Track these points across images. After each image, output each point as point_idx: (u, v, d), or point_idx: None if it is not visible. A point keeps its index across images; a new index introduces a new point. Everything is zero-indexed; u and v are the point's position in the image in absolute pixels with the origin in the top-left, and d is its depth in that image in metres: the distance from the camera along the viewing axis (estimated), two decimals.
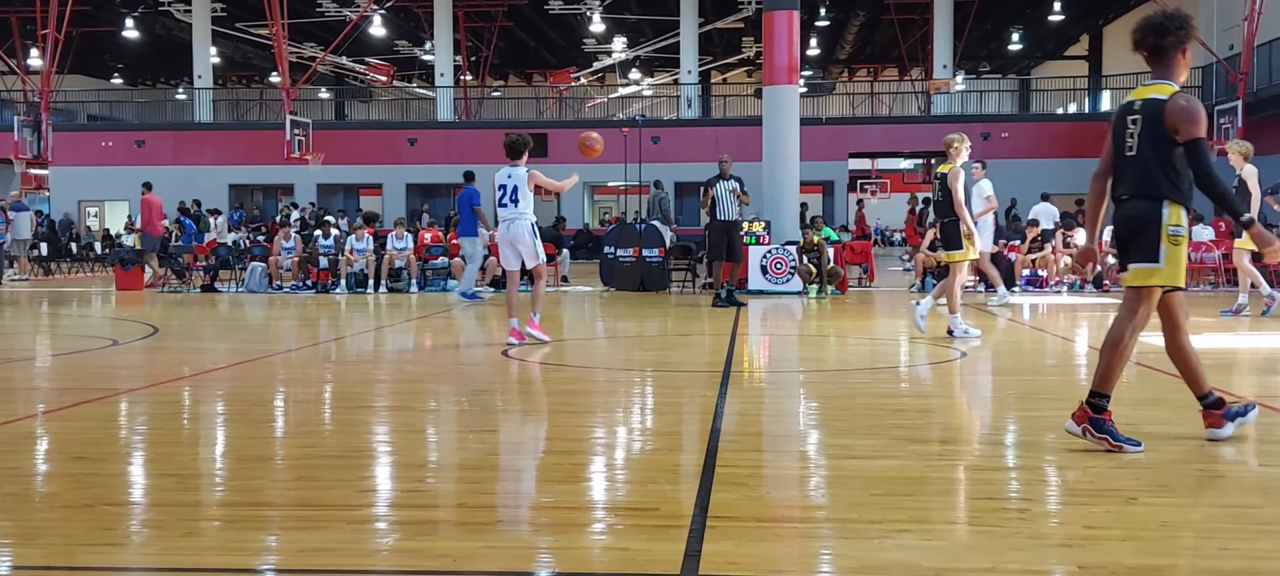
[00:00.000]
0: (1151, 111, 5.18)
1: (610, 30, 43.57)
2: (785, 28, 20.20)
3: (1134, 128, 5.24)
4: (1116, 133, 5.35)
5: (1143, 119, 5.21)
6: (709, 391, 7.36)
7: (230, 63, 48.07)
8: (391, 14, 40.77)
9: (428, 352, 10.59)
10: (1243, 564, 3.54)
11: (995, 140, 35.85)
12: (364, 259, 19.21)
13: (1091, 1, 41.23)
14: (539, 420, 6.32)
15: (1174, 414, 6.46)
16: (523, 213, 10.12)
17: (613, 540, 3.92)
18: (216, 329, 13.36)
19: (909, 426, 6.14)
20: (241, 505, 4.47)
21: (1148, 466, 4.95)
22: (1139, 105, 5.26)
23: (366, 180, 39.52)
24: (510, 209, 10.11)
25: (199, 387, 8.00)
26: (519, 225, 10.13)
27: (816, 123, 35.95)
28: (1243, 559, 3.59)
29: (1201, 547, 3.72)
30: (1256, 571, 3.48)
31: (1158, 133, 5.15)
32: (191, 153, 38.52)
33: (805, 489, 4.80)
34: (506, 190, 10.13)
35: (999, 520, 4.10)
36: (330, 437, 6.12)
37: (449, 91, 40.34)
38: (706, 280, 19.18)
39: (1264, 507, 4.25)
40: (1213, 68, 33.22)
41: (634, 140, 25.38)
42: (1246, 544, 3.76)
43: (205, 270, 20.38)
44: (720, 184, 15.26)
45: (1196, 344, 5.50)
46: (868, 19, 43.87)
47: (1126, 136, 5.28)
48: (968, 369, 8.75)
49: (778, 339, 11.87)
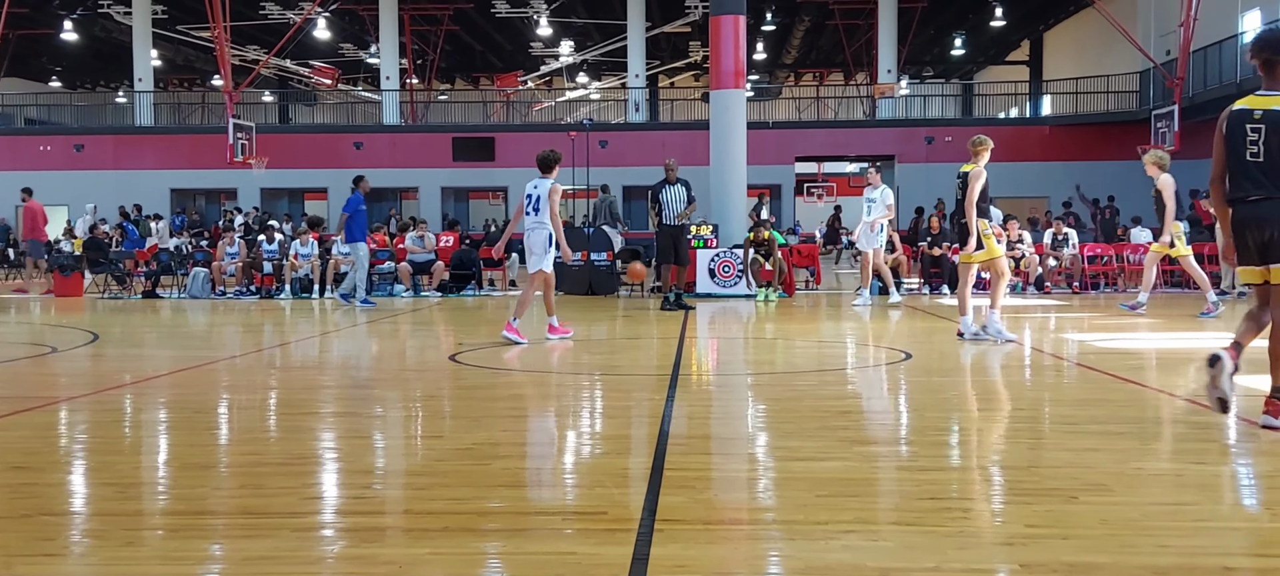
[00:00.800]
0: (1275, 120, 5.61)
1: (557, 34, 43.54)
2: (732, 32, 20.30)
3: (1256, 135, 5.65)
4: (1234, 139, 5.73)
5: (1266, 127, 5.62)
6: (657, 394, 7.38)
7: (171, 66, 47.45)
8: (336, 17, 40.47)
9: (374, 358, 10.52)
10: (1180, 560, 3.61)
11: (939, 144, 36.25)
12: (309, 264, 19.03)
13: (1032, 7, 41.85)
14: (487, 424, 6.30)
15: (1112, 413, 6.58)
16: (542, 222, 10.87)
17: (561, 544, 3.92)
18: (158, 335, 13.18)
19: (855, 428, 6.20)
20: (184, 513, 4.42)
21: (1087, 466, 5.03)
22: (1260, 114, 5.65)
23: (311, 184, 39.18)
24: (531, 218, 10.91)
25: (140, 395, 7.89)
26: (537, 234, 10.90)
27: (763, 127, 36.17)
28: (1180, 555, 3.66)
29: (1140, 544, 3.78)
30: (1193, 567, 3.55)
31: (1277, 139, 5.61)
32: (132, 157, 37.99)
33: (753, 491, 4.83)
34: (532, 200, 10.93)
35: (942, 520, 4.15)
36: (275, 444, 6.06)
37: (395, 95, 40.11)
38: (655, 283, 19.21)
39: (1201, 504, 4.34)
40: (1150, 73, 33.82)
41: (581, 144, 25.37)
42: (1183, 541, 3.83)
43: (146, 276, 20.09)
44: (666, 189, 15.32)
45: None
46: (813, 24, 44.22)
47: (1248, 143, 5.66)
48: (913, 371, 8.84)
49: (726, 342, 11.92)
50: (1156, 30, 34.27)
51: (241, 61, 40.57)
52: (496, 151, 38.03)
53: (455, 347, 10.72)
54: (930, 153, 36.25)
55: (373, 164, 38.07)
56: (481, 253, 21.42)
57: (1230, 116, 5.79)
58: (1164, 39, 33.27)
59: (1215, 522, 4.11)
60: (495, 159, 37.98)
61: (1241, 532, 4.09)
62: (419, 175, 38.19)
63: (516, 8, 39.52)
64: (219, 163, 32.34)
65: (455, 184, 39.17)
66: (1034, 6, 41.84)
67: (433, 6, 41.25)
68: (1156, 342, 10.73)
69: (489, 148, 38.17)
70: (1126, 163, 32.04)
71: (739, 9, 20.44)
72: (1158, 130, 30.73)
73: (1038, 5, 41.58)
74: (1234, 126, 5.74)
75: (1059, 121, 37.57)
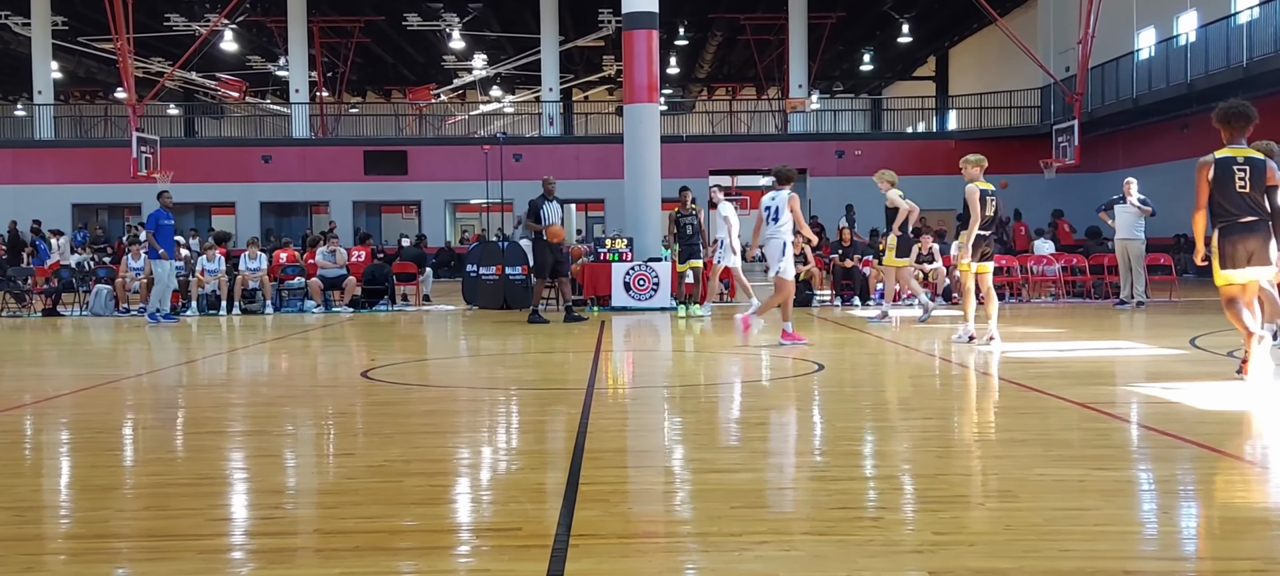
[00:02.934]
0: (1257, 165, 7.83)
1: (470, 47, 43.34)
2: (645, 47, 20.40)
3: (1243, 175, 7.80)
4: (1224, 178, 7.84)
5: (1250, 169, 7.80)
6: (572, 409, 7.37)
7: (73, 78, 46.26)
8: (243, 29, 39.83)
9: (283, 375, 10.36)
10: (1082, 564, 3.71)
11: (849, 158, 36.78)
12: (216, 280, 18.67)
13: (937, 24, 42.73)
14: (399, 441, 6.24)
15: (1016, 421, 6.74)
16: (779, 231, 11.67)
17: (475, 562, 3.90)
18: (60, 354, 12.83)
19: (768, 439, 6.26)
20: (86, 537, 4.31)
21: (992, 473, 5.15)
22: (1242, 160, 7.85)
23: (218, 199, 38.48)
24: (771, 227, 11.72)
25: (41, 415, 7.67)
26: (774, 243, 11.68)
27: (677, 140, 36.35)
28: (1082, 559, 3.76)
29: (1043, 549, 3.88)
30: (1095, 570, 3.65)
31: (1262, 179, 7.83)
32: (32, 171, 36.96)
33: (668, 503, 4.85)
34: (771, 211, 11.76)
35: (853, 528, 4.21)
36: (181, 464, 5.93)
37: (304, 108, 39.56)
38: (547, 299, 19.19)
39: (1102, 509, 4.46)
40: (1050, 89, 34.71)
41: (495, 158, 25.27)
42: (1085, 544, 3.94)
43: (46, 293, 19.53)
44: (547, 204, 15.52)
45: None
46: (725, 39, 44.61)
47: (1237, 180, 7.81)
48: (825, 382, 8.95)
49: (641, 355, 11.96)
50: (1056, 47, 35.21)
51: (145, 74, 39.70)
52: (409, 165, 37.69)
53: (368, 363, 10.60)
54: (841, 166, 36.76)
55: (283, 177, 37.58)
56: (395, 266, 21.22)
57: (1218, 163, 7.85)
58: (1063, 56, 34.20)
59: (1116, 527, 4.23)
60: (408, 172, 37.64)
61: (1141, 536, 4.21)
62: (330, 189, 37.69)
63: (429, 21, 39.27)
64: (122, 177, 31.62)
65: (367, 198, 38.73)
66: (939, 23, 42.72)
67: (343, 19, 40.80)
68: (1059, 352, 10.99)
69: (401, 161, 37.81)
70: (1029, 176, 32.85)
71: (652, 24, 20.56)
72: (1059, 144, 31.55)
73: (942, 22, 42.46)
74: (1223, 170, 7.83)
75: (964, 136, 38.35)
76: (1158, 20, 30.97)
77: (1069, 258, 20.86)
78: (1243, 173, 7.80)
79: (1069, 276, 20.25)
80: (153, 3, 36.15)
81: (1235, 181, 7.80)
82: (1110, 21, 30.59)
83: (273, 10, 38.97)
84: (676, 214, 17.53)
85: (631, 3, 20.46)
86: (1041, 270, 20.39)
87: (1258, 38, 24.45)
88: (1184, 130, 27.17)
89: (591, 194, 38.14)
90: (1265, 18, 24.30)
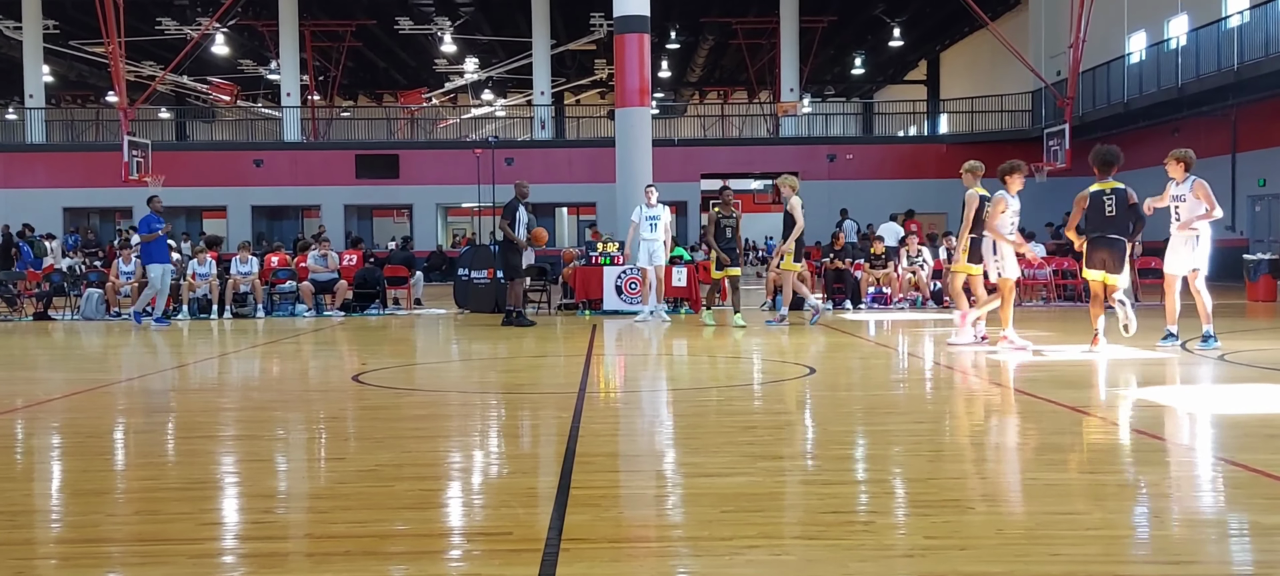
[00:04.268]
0: (1120, 194, 10.41)
1: (462, 51, 43.35)
2: (636, 50, 20.43)
3: (1110, 202, 10.38)
4: (1095, 204, 10.48)
5: (1115, 198, 10.38)
6: (564, 412, 7.37)
7: (64, 82, 46.17)
8: (235, 33, 39.80)
9: (275, 379, 10.34)
10: (1071, 568, 3.73)
11: (840, 162, 36.85)
12: (207, 283, 18.64)
13: (928, 28, 42.83)
14: (391, 446, 6.24)
15: (1007, 425, 6.75)
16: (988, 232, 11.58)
17: (467, 566, 3.90)
18: (51, 358, 12.80)
19: (760, 443, 6.26)
20: (77, 542, 4.31)
21: (983, 478, 5.16)
22: (1109, 192, 10.46)
23: (210, 202, 38.42)
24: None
25: (32, 419, 7.65)
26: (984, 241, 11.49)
27: (669, 144, 36.39)
28: (1071, 563, 3.78)
29: (1033, 553, 3.89)
30: (1085, 574, 3.67)
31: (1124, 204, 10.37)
32: (24, 175, 36.90)
33: (659, 508, 4.85)
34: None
35: (844, 532, 4.22)
36: (172, 469, 5.93)
37: (296, 112, 39.53)
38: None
39: (1091, 513, 4.47)
40: (1041, 93, 34.78)
41: (487, 161, 25.29)
42: (1075, 548, 3.95)
43: (38, 297, 19.48)
44: (522, 207, 15.63)
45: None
46: (716, 43, 44.70)
47: (1106, 207, 10.40)
48: (816, 385, 8.96)
49: (632, 358, 11.96)
50: (1047, 51, 35.30)
51: (137, 78, 39.65)
52: (401, 169, 37.67)
53: (359, 367, 10.59)
54: (832, 170, 36.82)
55: (274, 181, 37.54)
56: (386, 270, 21.19)
57: (1092, 195, 10.47)
58: (1054, 60, 34.29)
59: (1105, 531, 4.24)
60: (400, 176, 37.63)
61: (1131, 541, 4.23)
62: (321, 193, 37.67)
63: (420, 25, 39.26)
64: (114, 181, 31.54)
65: (359, 201, 38.71)
66: (930, 27, 42.83)
67: (334, 22, 40.78)
68: (1050, 356, 11.01)
69: (393, 165, 37.79)
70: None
71: (644, 27, 20.59)
72: (1050, 148, 31.61)
73: (934, 26, 42.56)
74: (1095, 200, 10.47)
75: (956, 139, 38.45)
76: (1149, 24, 31.08)
77: (1061, 261, 20.91)
78: (1110, 201, 10.38)
79: (1060, 280, 20.30)
80: (144, 6, 36.12)
81: (1105, 208, 10.40)
82: (1101, 25, 30.68)
83: (264, 14, 38.95)
84: (717, 213, 15.43)
85: (623, 6, 20.49)
86: (1032, 273, 20.41)
87: (1248, 41, 24.55)
88: (1175, 134, 27.24)
89: (583, 198, 38.16)
90: (1256, 21, 24.40)
